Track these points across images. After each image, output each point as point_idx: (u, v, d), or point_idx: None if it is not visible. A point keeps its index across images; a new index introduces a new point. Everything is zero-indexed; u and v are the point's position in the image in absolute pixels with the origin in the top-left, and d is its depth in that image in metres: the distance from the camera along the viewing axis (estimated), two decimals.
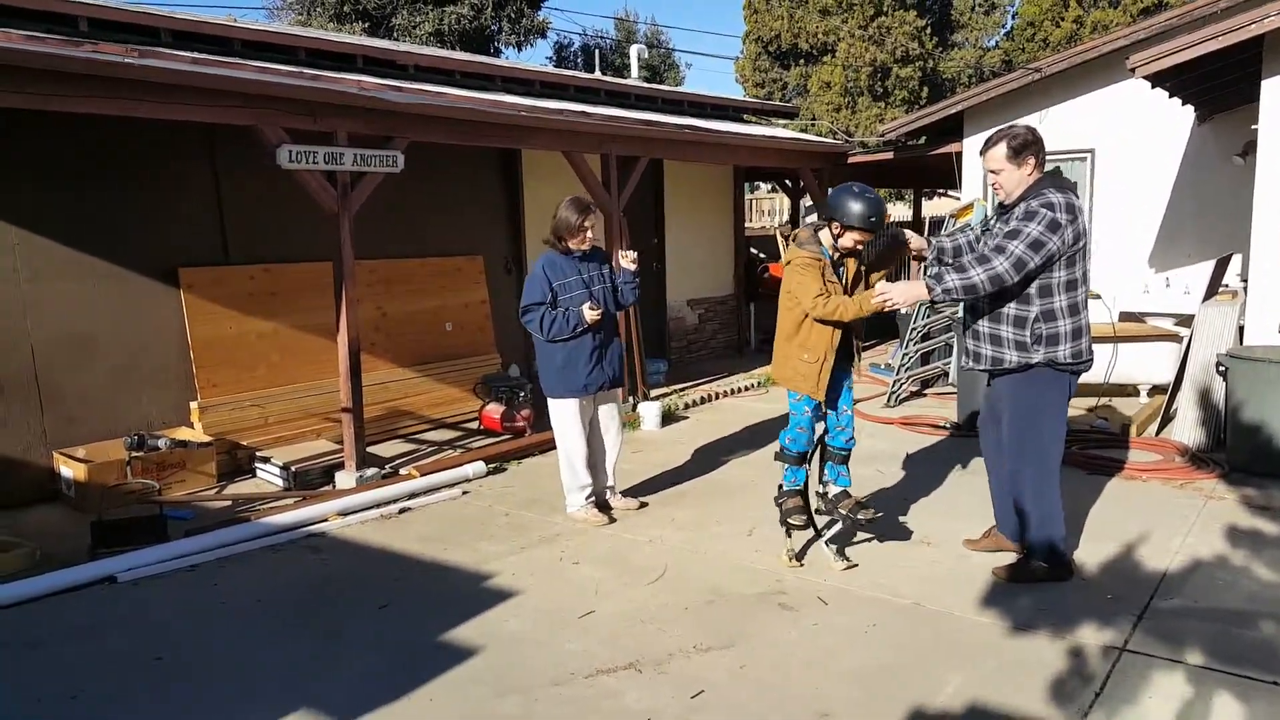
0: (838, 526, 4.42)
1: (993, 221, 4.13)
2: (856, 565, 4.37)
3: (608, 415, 5.26)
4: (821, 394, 4.20)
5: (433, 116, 6.28)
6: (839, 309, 4.07)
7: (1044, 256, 3.73)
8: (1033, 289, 3.84)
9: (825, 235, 4.19)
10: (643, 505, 5.44)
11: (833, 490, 4.45)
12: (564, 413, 5.08)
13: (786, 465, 4.41)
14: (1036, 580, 4.05)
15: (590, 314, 4.90)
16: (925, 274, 4.12)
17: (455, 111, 6.40)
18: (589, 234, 5.02)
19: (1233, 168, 8.23)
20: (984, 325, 3.99)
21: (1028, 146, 3.89)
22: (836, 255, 4.20)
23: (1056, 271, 3.80)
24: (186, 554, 4.75)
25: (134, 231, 6.29)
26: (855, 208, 4.02)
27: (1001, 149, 3.91)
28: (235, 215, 6.80)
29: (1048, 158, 4.07)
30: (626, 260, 5.18)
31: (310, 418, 6.96)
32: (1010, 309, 3.89)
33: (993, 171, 3.97)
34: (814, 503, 4.54)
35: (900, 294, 3.97)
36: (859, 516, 4.33)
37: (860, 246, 4.12)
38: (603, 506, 5.29)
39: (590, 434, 5.18)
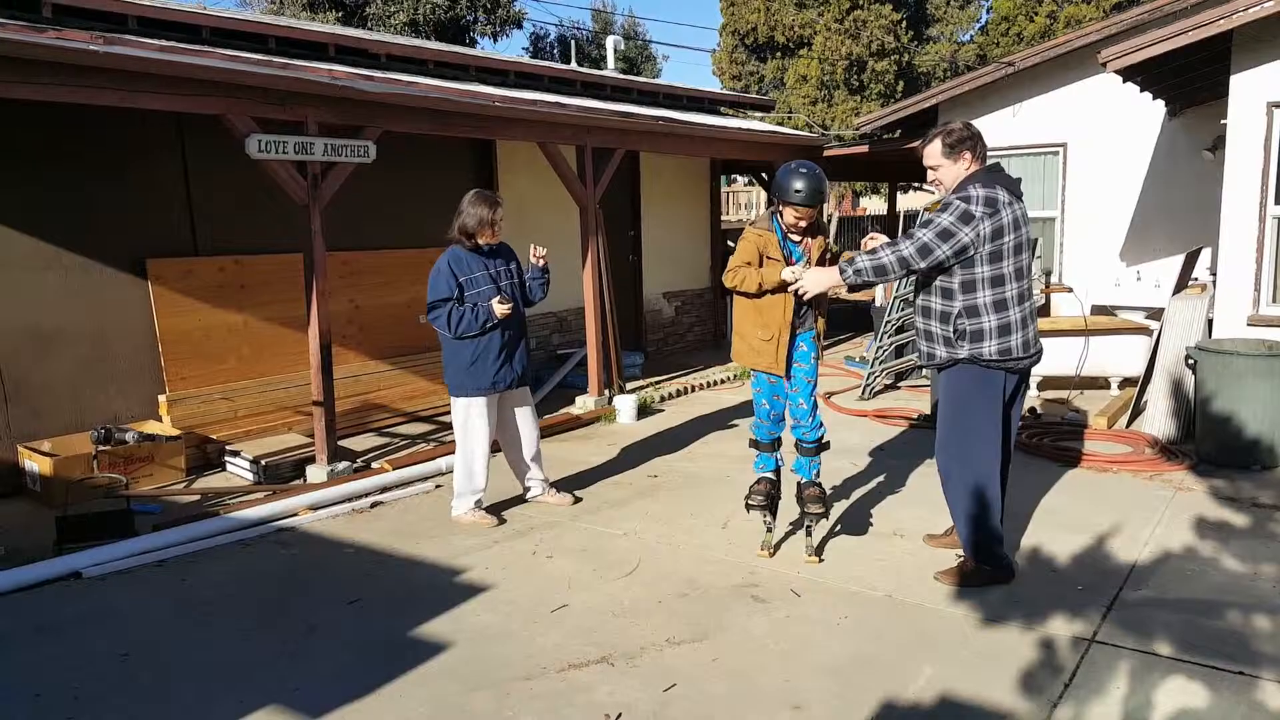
0: (819, 522, 4.44)
1: None
2: (821, 560, 4.37)
3: (523, 414, 5.21)
4: (781, 367, 4.23)
5: (405, 106, 6.20)
6: (744, 280, 4.16)
7: (954, 246, 3.73)
8: (955, 284, 3.83)
9: (786, 215, 4.21)
10: (577, 500, 5.41)
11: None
12: (472, 412, 4.98)
13: (758, 452, 4.47)
14: (980, 585, 3.99)
15: (500, 308, 4.80)
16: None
17: (428, 101, 6.32)
18: (497, 228, 4.92)
19: (1202, 162, 8.33)
20: (920, 322, 4.04)
21: (963, 142, 3.90)
22: (797, 238, 4.24)
23: (978, 267, 3.77)
24: (154, 549, 4.69)
25: (100, 221, 6.16)
26: (785, 183, 4.09)
27: (936, 145, 3.95)
28: (204, 205, 6.69)
29: (1020, 153, 4.09)
30: (535, 256, 5.10)
31: (281, 411, 6.88)
32: (937, 304, 3.91)
33: (931, 168, 4.00)
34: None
35: (812, 279, 4.00)
36: (806, 509, 4.37)
37: (804, 222, 4.16)
38: (492, 510, 5.22)
39: (505, 434, 5.19)
